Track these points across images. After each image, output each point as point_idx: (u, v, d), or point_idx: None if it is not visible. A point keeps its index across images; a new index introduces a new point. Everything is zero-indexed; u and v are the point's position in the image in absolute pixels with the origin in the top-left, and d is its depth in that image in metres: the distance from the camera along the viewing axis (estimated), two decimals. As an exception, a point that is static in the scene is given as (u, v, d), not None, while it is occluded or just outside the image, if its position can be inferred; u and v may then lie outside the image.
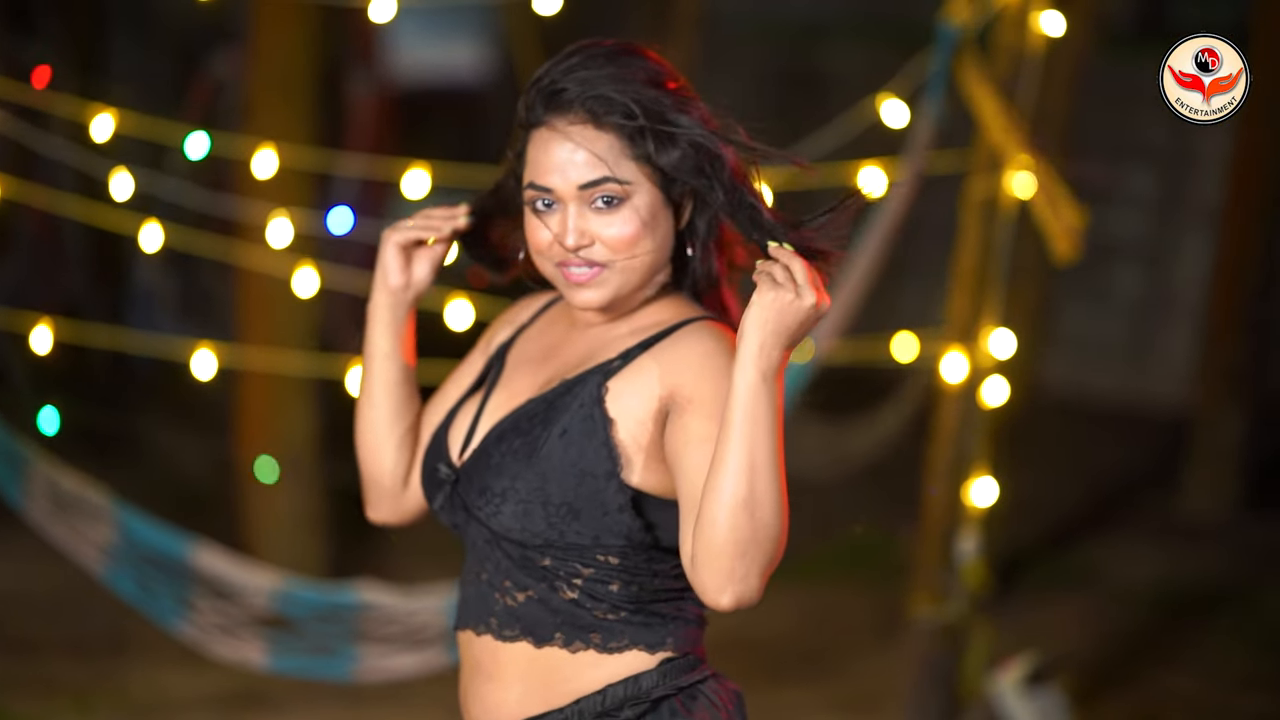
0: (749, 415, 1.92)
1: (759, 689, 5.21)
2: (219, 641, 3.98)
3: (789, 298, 1.92)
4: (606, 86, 2.07)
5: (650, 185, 2.09)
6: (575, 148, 2.07)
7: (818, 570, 6.30)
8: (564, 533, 2.06)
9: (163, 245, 3.97)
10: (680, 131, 2.07)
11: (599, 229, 2.09)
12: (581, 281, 2.11)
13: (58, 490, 3.86)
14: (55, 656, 5.06)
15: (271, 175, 4.10)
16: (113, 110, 3.98)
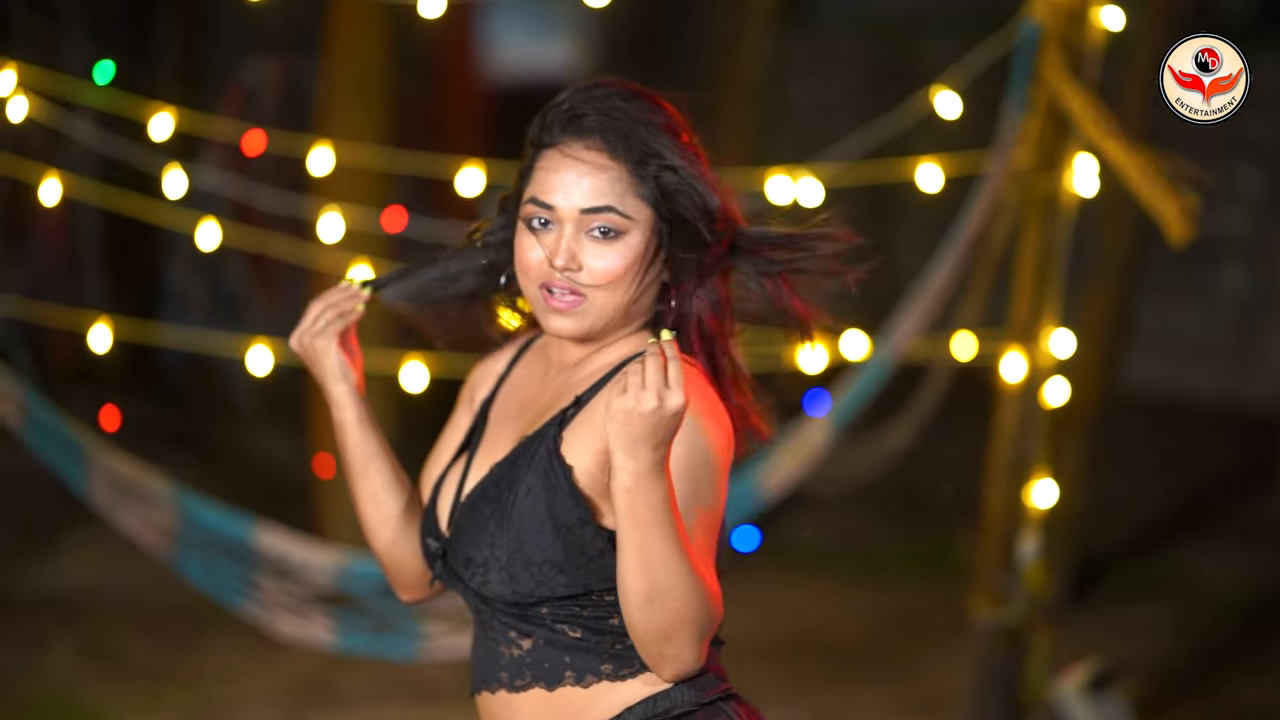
0: (628, 519, 1.90)
1: (830, 689, 5.19)
2: (285, 621, 3.98)
3: (630, 405, 1.87)
4: (626, 123, 2.08)
5: (648, 227, 2.09)
6: (585, 172, 2.07)
7: (895, 569, 6.25)
8: (554, 587, 2.05)
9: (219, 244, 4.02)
10: (685, 185, 2.08)
11: (590, 258, 2.08)
12: (560, 309, 2.09)
13: (117, 478, 3.90)
14: (128, 645, 5.15)
15: (329, 173, 4.14)
16: (171, 108, 4.04)
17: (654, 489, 1.88)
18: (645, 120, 2.09)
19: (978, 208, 4.00)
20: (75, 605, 5.40)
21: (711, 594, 1.94)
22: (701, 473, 1.99)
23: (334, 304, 2.24)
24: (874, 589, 6.06)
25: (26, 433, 3.83)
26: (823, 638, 5.64)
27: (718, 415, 2.04)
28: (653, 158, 2.08)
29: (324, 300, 2.25)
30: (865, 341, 4.23)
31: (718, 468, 2.01)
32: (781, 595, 5.96)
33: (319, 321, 2.23)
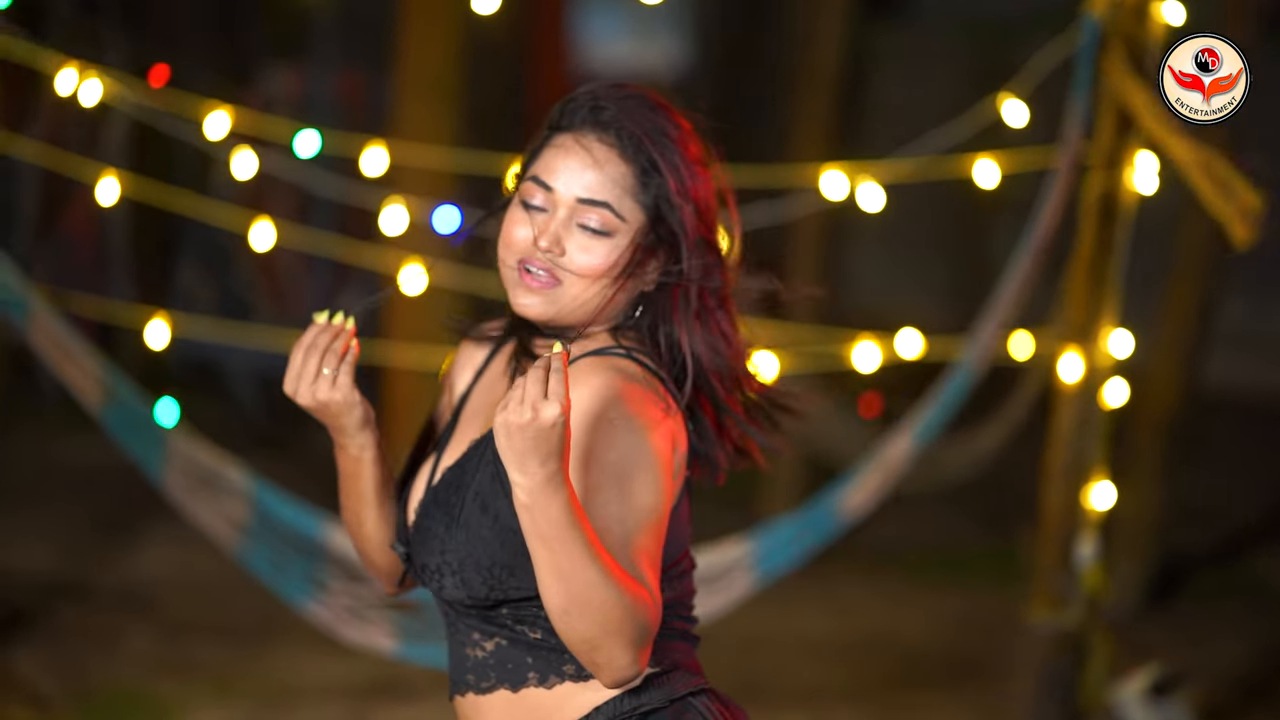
0: (531, 534, 1.87)
1: (895, 691, 5.15)
2: (348, 624, 3.98)
3: (509, 419, 1.85)
4: (645, 129, 2.08)
5: (639, 234, 2.09)
6: (592, 164, 2.07)
7: (970, 571, 6.18)
8: (506, 590, 2.04)
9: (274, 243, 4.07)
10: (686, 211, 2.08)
11: (574, 249, 2.07)
12: (531, 287, 2.08)
13: (195, 466, 3.89)
14: (200, 640, 5.23)
15: (384, 172, 4.16)
16: (228, 108, 4.08)
17: (551, 503, 1.85)
18: (663, 132, 2.09)
19: (1049, 207, 3.94)
20: (152, 599, 5.49)
21: (641, 599, 1.91)
22: (636, 474, 1.97)
23: (330, 349, 2.09)
24: (947, 591, 6.00)
25: (107, 417, 3.81)
26: (892, 639, 5.59)
27: (654, 418, 2.02)
28: (660, 171, 2.08)
29: (312, 347, 2.09)
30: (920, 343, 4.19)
31: (655, 468, 1.98)
32: (854, 594, 5.92)
33: (321, 372, 2.09)
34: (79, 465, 6.46)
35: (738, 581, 3.92)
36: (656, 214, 2.09)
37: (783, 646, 5.47)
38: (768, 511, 5.91)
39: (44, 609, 5.33)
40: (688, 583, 2.15)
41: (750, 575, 3.93)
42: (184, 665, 5.04)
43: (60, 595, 5.46)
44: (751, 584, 3.94)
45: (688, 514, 2.14)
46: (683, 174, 2.08)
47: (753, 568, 3.93)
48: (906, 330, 4.20)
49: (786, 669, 5.33)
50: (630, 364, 2.07)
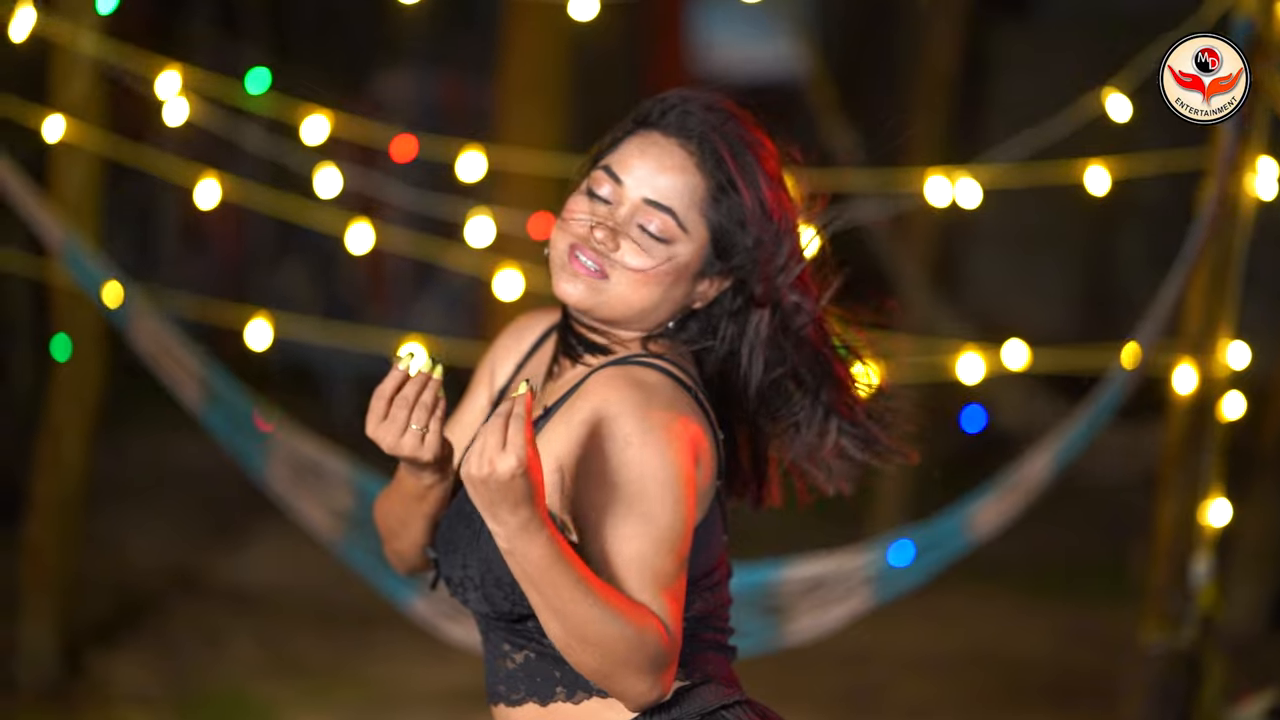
0: (520, 578, 1.85)
1: (1001, 710, 5.03)
2: (450, 621, 3.86)
3: (470, 472, 1.80)
4: (732, 146, 2.03)
5: (700, 249, 2.03)
6: (667, 167, 2.02)
7: (1078, 584, 6.03)
8: (527, 605, 1.98)
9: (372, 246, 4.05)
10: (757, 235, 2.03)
11: (627, 248, 2.02)
12: (578, 273, 2.02)
13: (298, 457, 3.88)
14: (304, 641, 5.24)
15: (479, 179, 4.13)
16: (327, 112, 4.07)
17: (531, 547, 1.82)
18: (748, 151, 2.03)
19: (1207, 213, 3.79)
20: (257, 600, 5.52)
21: (650, 628, 1.86)
22: (651, 492, 1.91)
23: (422, 403, 1.95)
24: (1057, 606, 5.85)
25: (208, 415, 3.84)
26: (999, 655, 5.47)
27: (672, 431, 1.94)
28: (736, 190, 2.02)
29: (400, 399, 1.95)
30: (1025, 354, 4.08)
31: (673, 484, 1.92)
32: (959, 608, 5.80)
33: (412, 426, 1.95)
34: (191, 464, 6.52)
35: (855, 593, 3.85)
36: (722, 234, 2.03)
37: (886, 661, 5.37)
38: (877, 527, 5.79)
39: (153, 607, 5.39)
40: (721, 594, 2.08)
41: (868, 589, 3.85)
42: (287, 666, 5.05)
43: (169, 594, 5.52)
44: (869, 598, 3.86)
45: (721, 524, 2.08)
46: (762, 197, 2.03)
47: (871, 580, 3.85)
48: (1013, 341, 4.09)
49: (890, 684, 5.23)
50: (652, 373, 2.00)
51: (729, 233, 2.02)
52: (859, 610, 3.84)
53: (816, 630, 3.82)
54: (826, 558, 3.77)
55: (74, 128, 4.30)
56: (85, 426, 4.66)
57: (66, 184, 4.49)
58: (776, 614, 3.78)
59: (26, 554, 4.68)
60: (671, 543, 1.91)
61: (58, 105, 4.37)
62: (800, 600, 3.77)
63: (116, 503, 6.07)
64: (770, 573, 3.76)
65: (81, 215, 4.48)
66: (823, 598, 3.78)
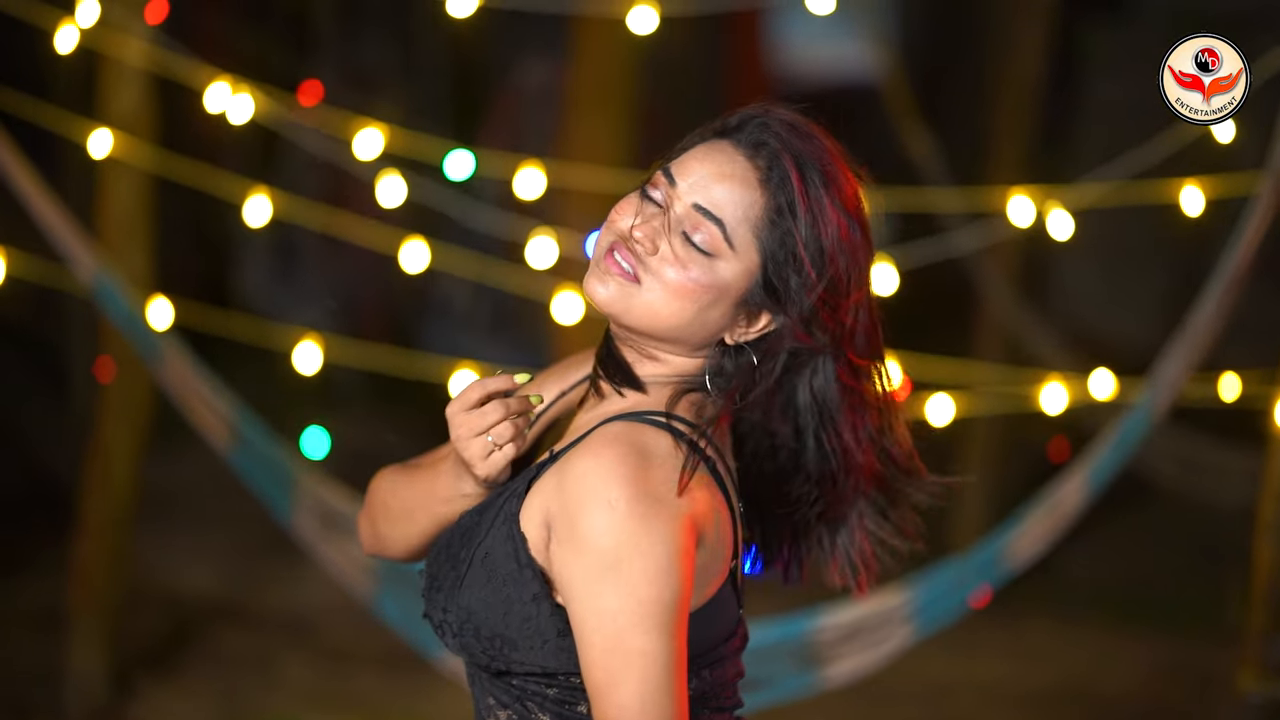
0: None
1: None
2: None
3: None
4: (802, 168, 1.85)
5: (746, 270, 1.85)
6: (728, 176, 1.85)
7: (1175, 616, 5.77)
8: (508, 662, 1.83)
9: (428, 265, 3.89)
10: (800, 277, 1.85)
11: (666, 254, 1.84)
12: (611, 272, 1.86)
13: (325, 508, 3.79)
14: (356, 670, 5.10)
15: (539, 196, 3.96)
16: (382, 126, 3.92)
17: None
18: (823, 183, 1.85)
19: (1248, 235, 3.57)
20: (312, 626, 5.39)
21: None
22: (634, 563, 1.74)
23: (514, 418, 1.87)
24: (1150, 639, 5.60)
25: (235, 458, 3.78)
26: (1085, 691, 5.24)
27: (668, 502, 1.78)
28: (795, 214, 1.84)
29: (498, 400, 1.87)
30: (1112, 383, 3.86)
31: (663, 558, 1.75)
32: (1043, 639, 5.59)
33: (489, 438, 1.86)
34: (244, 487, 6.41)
35: (895, 633, 3.72)
36: (775, 263, 1.84)
37: (970, 693, 5.18)
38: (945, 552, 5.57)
39: (204, 632, 5.29)
40: (722, 672, 1.90)
41: (908, 626, 3.72)
42: (338, 696, 4.92)
43: (221, 619, 5.42)
44: (909, 636, 3.72)
45: (735, 600, 1.91)
46: (825, 233, 1.84)
47: (911, 618, 3.71)
48: (1100, 371, 3.88)
49: (974, 718, 5.02)
50: (661, 438, 1.83)
51: (782, 263, 1.85)
52: (901, 649, 3.72)
53: (858, 673, 3.71)
54: (862, 602, 3.63)
55: (123, 142, 4.19)
56: (135, 447, 4.56)
57: (116, 201, 4.37)
58: (814, 662, 3.69)
59: (75, 576, 4.59)
60: (657, 620, 1.75)
61: (107, 119, 4.26)
62: (838, 647, 3.67)
63: (169, 522, 5.97)
64: (805, 623, 3.66)
65: (133, 235, 4.38)
66: (862, 642, 3.68)
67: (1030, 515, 3.71)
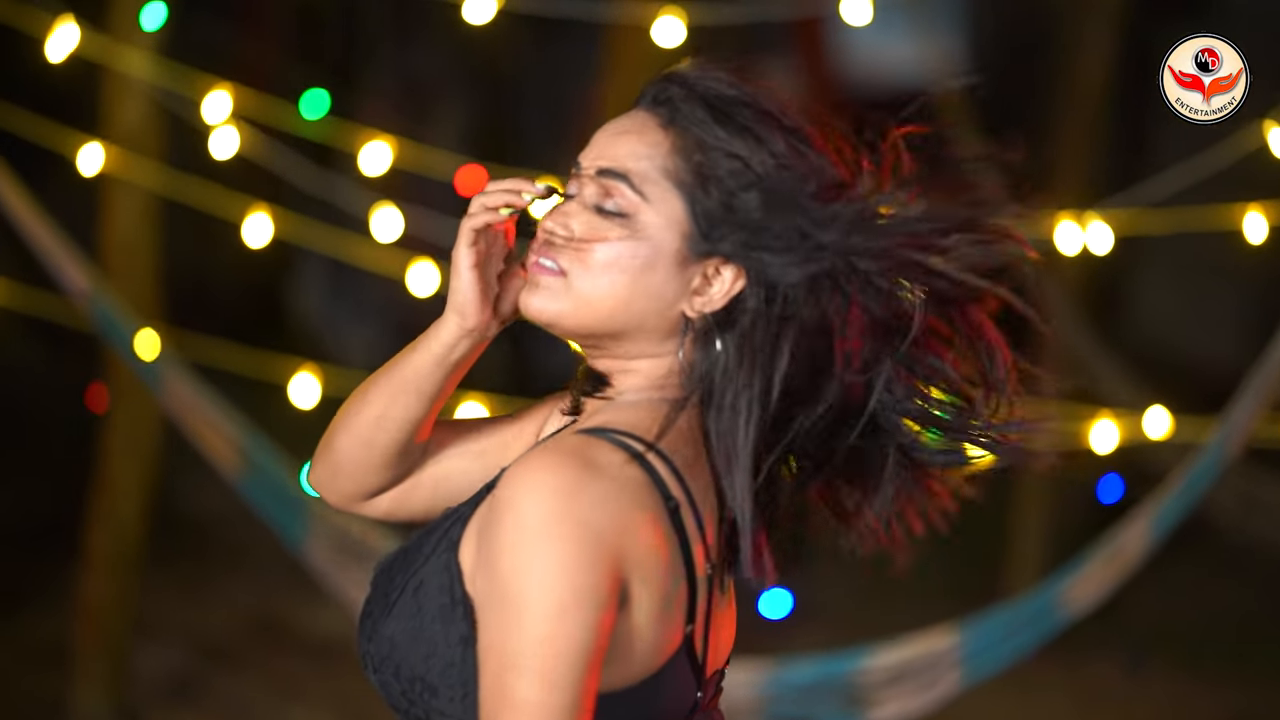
0: None
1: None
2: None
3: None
4: (709, 100, 1.64)
5: (670, 218, 1.63)
6: (624, 131, 1.65)
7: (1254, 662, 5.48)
8: (427, 710, 1.60)
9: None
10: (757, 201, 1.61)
11: (582, 236, 1.63)
12: (536, 281, 1.65)
13: (342, 537, 3.66)
14: (384, 711, 4.91)
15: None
16: (389, 138, 3.72)
17: None
18: (747, 102, 1.63)
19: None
20: (338, 654, 5.24)
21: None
22: (530, 596, 1.50)
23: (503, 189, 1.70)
24: (1225, 685, 5.31)
25: (246, 485, 3.67)
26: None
27: (595, 532, 1.52)
28: (722, 140, 1.62)
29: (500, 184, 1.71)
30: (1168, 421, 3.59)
31: (569, 597, 1.50)
32: (1108, 682, 5.34)
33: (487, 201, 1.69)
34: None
35: (943, 678, 3.55)
36: (706, 200, 1.62)
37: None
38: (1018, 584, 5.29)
39: (227, 659, 5.17)
40: None
41: (956, 672, 3.56)
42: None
43: (250, 644, 5.30)
44: (958, 681, 3.56)
45: (690, 681, 1.63)
46: (771, 145, 1.62)
47: (960, 663, 3.55)
48: (1155, 409, 3.61)
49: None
50: (615, 455, 1.58)
51: (714, 199, 1.62)
52: (949, 694, 3.56)
53: (904, 717, 3.56)
54: (911, 643, 3.51)
55: (124, 159, 4.01)
56: (142, 479, 4.40)
57: (119, 221, 4.21)
58: (859, 703, 3.55)
59: (81, 612, 4.43)
60: (546, 665, 1.50)
61: (109, 134, 4.08)
62: (884, 689, 3.53)
63: (188, 544, 5.84)
64: (849, 663, 3.52)
65: (136, 254, 4.22)
66: (909, 686, 3.54)
67: (1089, 561, 3.53)
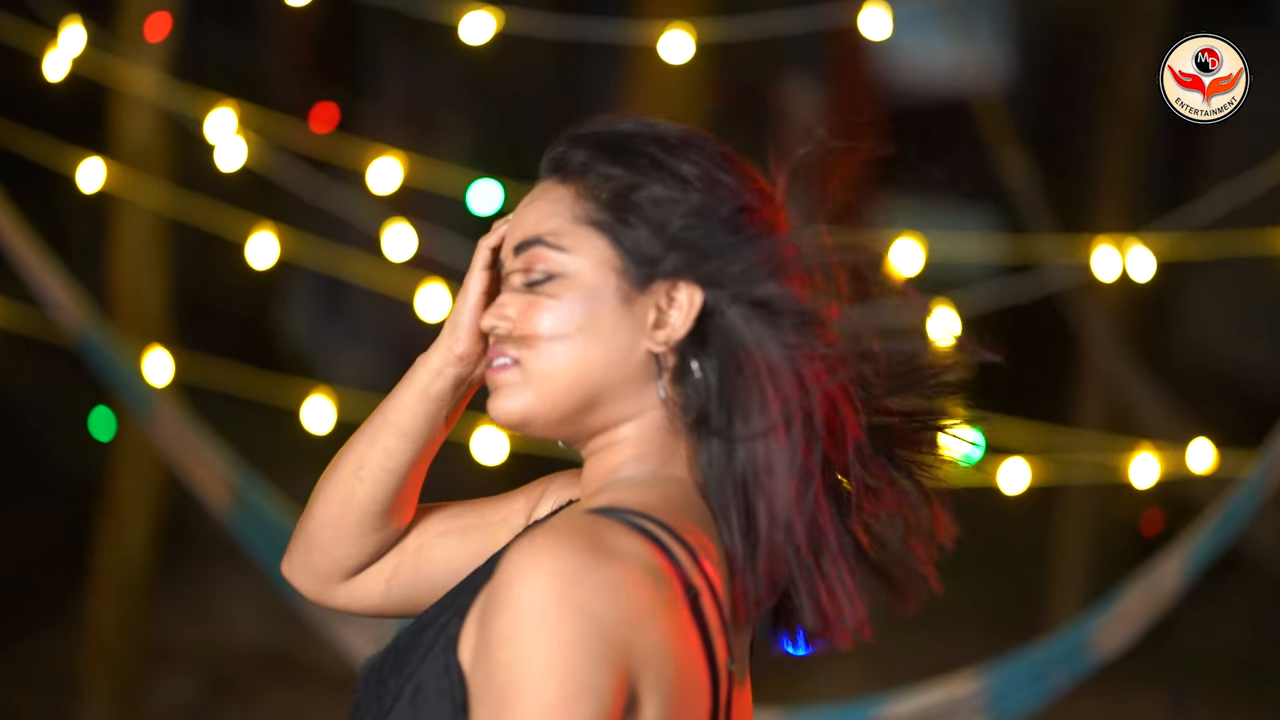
0: None
1: None
2: None
3: None
4: (602, 144, 1.55)
5: (603, 262, 1.53)
6: (530, 202, 1.57)
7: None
8: None
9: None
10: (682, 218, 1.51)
11: (521, 316, 1.54)
12: (496, 384, 1.55)
13: None
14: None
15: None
16: (398, 154, 3.60)
17: None
18: (629, 135, 1.55)
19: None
20: (351, 685, 5.10)
21: None
22: (525, 695, 1.35)
23: None
24: (1268, 713, 5.12)
25: (235, 522, 3.52)
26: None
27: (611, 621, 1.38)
28: (629, 173, 1.53)
29: None
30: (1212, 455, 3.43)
31: (549, 693, 1.35)
32: (1150, 713, 5.11)
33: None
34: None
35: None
36: (629, 230, 1.52)
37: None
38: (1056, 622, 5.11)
39: (244, 683, 5.10)
40: None
41: (980, 718, 3.39)
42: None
43: (262, 669, 5.22)
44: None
45: None
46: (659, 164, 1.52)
47: (984, 709, 3.39)
48: (1199, 442, 3.45)
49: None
50: (632, 539, 1.44)
51: (638, 227, 1.52)
52: None
53: None
54: (932, 689, 3.36)
55: (132, 177, 3.90)
56: (151, 502, 4.30)
57: (128, 241, 4.11)
58: None
59: (88, 637, 4.33)
60: None
61: (117, 152, 3.98)
62: None
63: (201, 567, 5.74)
64: (868, 710, 3.38)
65: (145, 277, 4.13)
66: None
67: (1121, 600, 3.37)
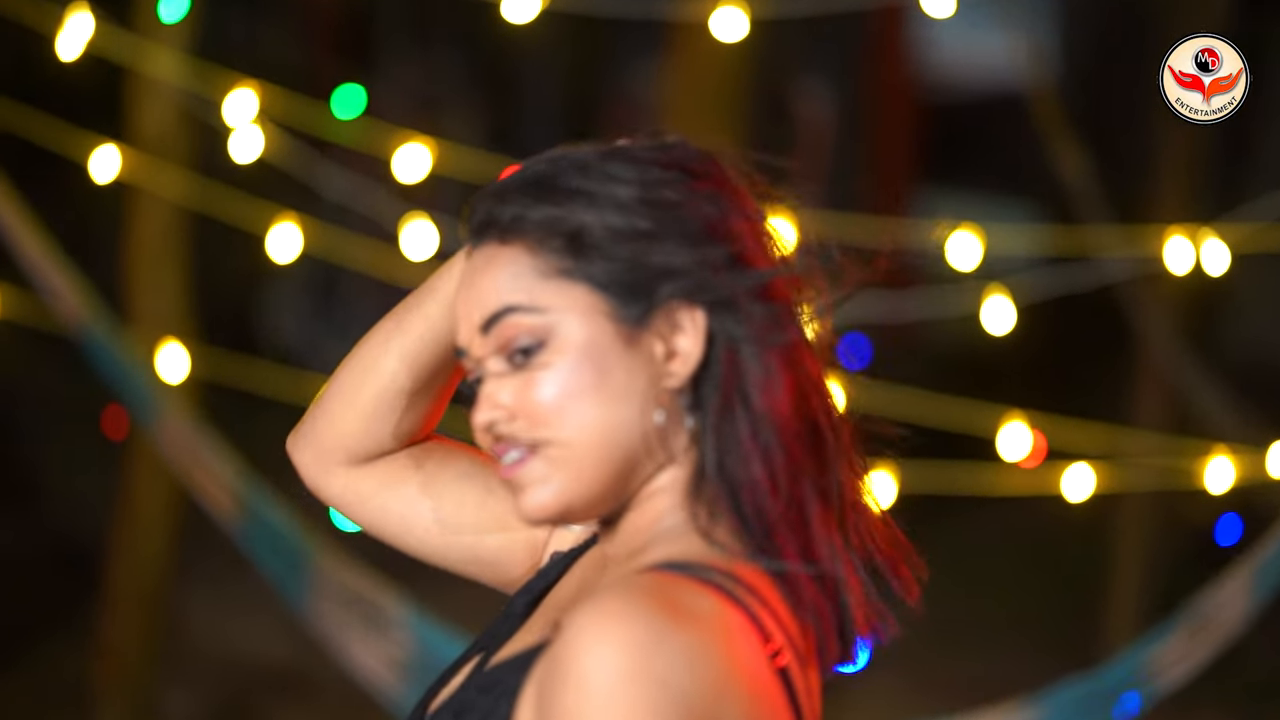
0: None
1: None
2: None
3: None
4: (531, 188, 1.39)
5: (578, 304, 1.36)
6: (476, 275, 1.40)
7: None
8: None
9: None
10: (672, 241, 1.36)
11: (517, 398, 1.36)
12: (518, 483, 1.38)
13: (347, 593, 3.39)
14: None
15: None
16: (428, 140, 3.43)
17: None
18: (551, 174, 1.39)
19: None
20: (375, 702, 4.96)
21: None
22: None
23: None
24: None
25: (243, 534, 3.40)
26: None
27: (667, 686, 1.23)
28: (564, 219, 1.37)
29: None
30: None
31: None
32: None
33: None
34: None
35: None
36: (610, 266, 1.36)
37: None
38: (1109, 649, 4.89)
39: (262, 699, 4.96)
40: None
41: None
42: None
43: (282, 689, 5.05)
44: None
45: None
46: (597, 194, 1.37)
47: None
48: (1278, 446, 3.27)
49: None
50: (709, 597, 1.30)
51: (607, 263, 1.37)
52: None
53: None
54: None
55: (150, 165, 3.74)
56: (169, 509, 4.14)
57: (145, 231, 3.95)
58: None
59: (101, 653, 4.21)
60: None
61: (133, 140, 3.81)
62: None
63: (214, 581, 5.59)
64: None
65: (163, 268, 3.98)
66: None
67: (1180, 625, 3.22)
